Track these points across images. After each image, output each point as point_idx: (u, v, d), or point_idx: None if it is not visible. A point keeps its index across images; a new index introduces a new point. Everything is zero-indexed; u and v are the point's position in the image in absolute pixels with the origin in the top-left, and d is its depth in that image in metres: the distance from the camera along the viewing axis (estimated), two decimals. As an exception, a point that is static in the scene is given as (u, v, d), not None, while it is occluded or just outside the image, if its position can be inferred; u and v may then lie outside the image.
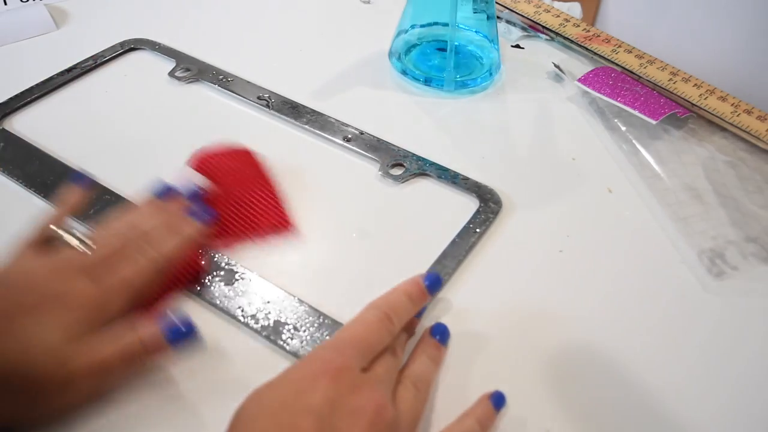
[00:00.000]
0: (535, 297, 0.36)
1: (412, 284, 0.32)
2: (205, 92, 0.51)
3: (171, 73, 0.52)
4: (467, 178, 0.43)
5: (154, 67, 0.53)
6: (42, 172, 0.42)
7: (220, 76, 0.51)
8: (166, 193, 0.37)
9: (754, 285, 0.37)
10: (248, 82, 0.51)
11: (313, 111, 0.48)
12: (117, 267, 0.31)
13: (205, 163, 0.41)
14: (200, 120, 0.48)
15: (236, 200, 0.39)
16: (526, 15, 0.59)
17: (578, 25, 0.57)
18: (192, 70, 0.52)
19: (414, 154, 0.44)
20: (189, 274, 0.35)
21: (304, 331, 0.33)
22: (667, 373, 0.32)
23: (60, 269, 0.30)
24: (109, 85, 0.51)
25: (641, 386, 0.32)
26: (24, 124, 0.47)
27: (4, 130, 0.46)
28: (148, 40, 0.55)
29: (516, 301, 0.36)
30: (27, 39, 0.56)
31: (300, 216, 0.40)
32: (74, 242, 0.33)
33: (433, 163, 0.44)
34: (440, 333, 0.33)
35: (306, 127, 0.47)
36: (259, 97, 0.49)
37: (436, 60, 0.53)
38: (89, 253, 0.32)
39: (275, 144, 0.46)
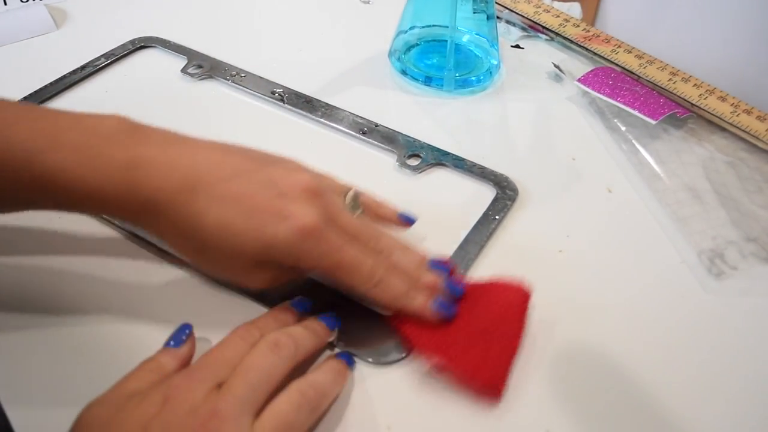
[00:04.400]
0: (534, 297, 0.36)
1: (278, 308, 0.33)
2: (218, 88, 0.51)
3: (183, 70, 0.52)
4: (483, 167, 0.43)
5: (165, 64, 0.53)
6: None
7: (233, 72, 0.52)
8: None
9: (754, 285, 0.37)
10: (261, 77, 0.51)
11: (327, 105, 0.48)
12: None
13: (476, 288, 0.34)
14: (215, 116, 0.48)
15: (476, 329, 0.32)
16: (525, 15, 0.59)
17: (578, 25, 0.57)
18: (204, 66, 0.52)
19: (429, 145, 0.45)
20: None
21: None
22: (667, 372, 0.32)
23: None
24: (122, 83, 0.51)
25: (641, 386, 0.32)
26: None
27: None
28: (158, 38, 0.56)
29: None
30: (27, 39, 0.56)
31: None
32: None
33: (448, 153, 0.44)
34: (346, 359, 0.32)
35: (321, 120, 0.47)
36: (272, 92, 0.50)
37: (436, 59, 0.53)
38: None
39: (291, 137, 0.46)
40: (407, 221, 0.36)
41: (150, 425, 0.25)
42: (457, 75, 0.51)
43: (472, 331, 0.32)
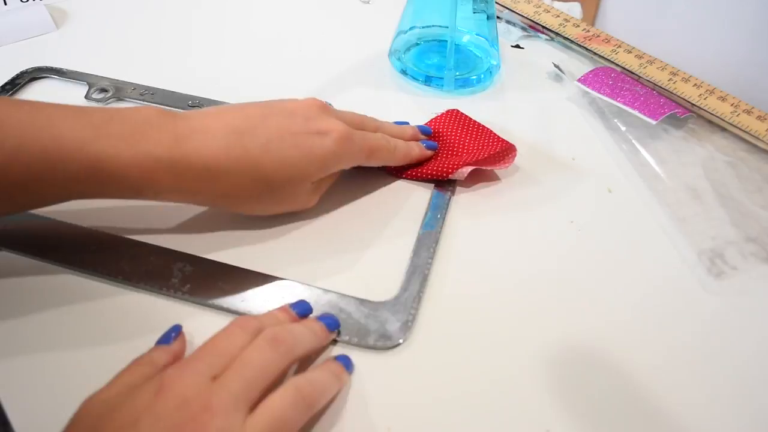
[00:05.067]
0: (536, 298, 0.36)
1: (277, 309, 0.33)
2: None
3: (87, 97, 0.48)
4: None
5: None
6: None
7: (142, 92, 0.49)
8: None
9: (754, 285, 0.37)
10: (173, 91, 0.49)
11: None
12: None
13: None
14: None
15: (458, 134, 0.44)
16: (526, 15, 0.59)
17: (578, 25, 0.57)
18: (108, 90, 0.49)
19: None
20: None
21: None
22: (667, 372, 0.32)
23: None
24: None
25: (641, 385, 0.32)
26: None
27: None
28: (49, 67, 0.52)
29: (515, 301, 0.36)
30: (27, 39, 0.56)
31: (315, 213, 0.40)
32: None
33: None
34: (344, 361, 0.32)
35: None
36: (190, 105, 0.48)
37: (436, 59, 0.53)
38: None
39: None
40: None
41: (141, 417, 0.25)
42: (457, 75, 0.51)
43: (461, 141, 0.44)
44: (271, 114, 0.35)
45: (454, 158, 0.42)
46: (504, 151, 0.43)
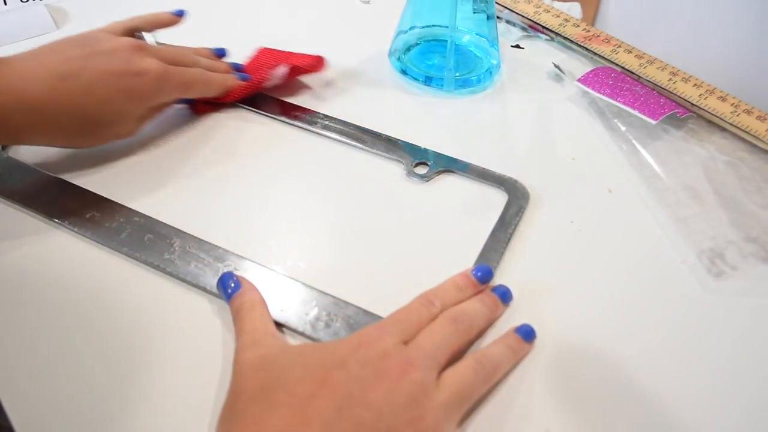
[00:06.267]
0: (534, 297, 0.36)
1: (460, 276, 0.35)
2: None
3: None
4: (491, 172, 0.43)
5: None
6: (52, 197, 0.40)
7: None
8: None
9: (753, 285, 0.37)
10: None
11: (326, 116, 0.47)
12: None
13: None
14: (211, 134, 0.47)
15: (270, 63, 0.49)
16: (525, 15, 0.59)
17: (578, 25, 0.57)
18: None
19: (435, 152, 0.45)
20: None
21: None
22: (667, 372, 0.32)
23: None
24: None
25: (641, 386, 0.32)
26: (30, 150, 0.44)
27: (9, 157, 0.43)
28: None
29: (514, 301, 0.36)
30: (27, 39, 0.56)
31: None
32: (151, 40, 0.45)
33: (455, 159, 0.44)
34: (524, 333, 0.33)
35: (322, 132, 0.46)
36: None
37: (436, 59, 0.53)
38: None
39: (293, 151, 0.45)
40: (178, 14, 0.48)
41: (347, 360, 0.28)
42: (457, 75, 0.51)
43: (272, 65, 0.48)
44: (91, 55, 0.39)
45: (266, 71, 0.48)
46: (315, 63, 0.50)
